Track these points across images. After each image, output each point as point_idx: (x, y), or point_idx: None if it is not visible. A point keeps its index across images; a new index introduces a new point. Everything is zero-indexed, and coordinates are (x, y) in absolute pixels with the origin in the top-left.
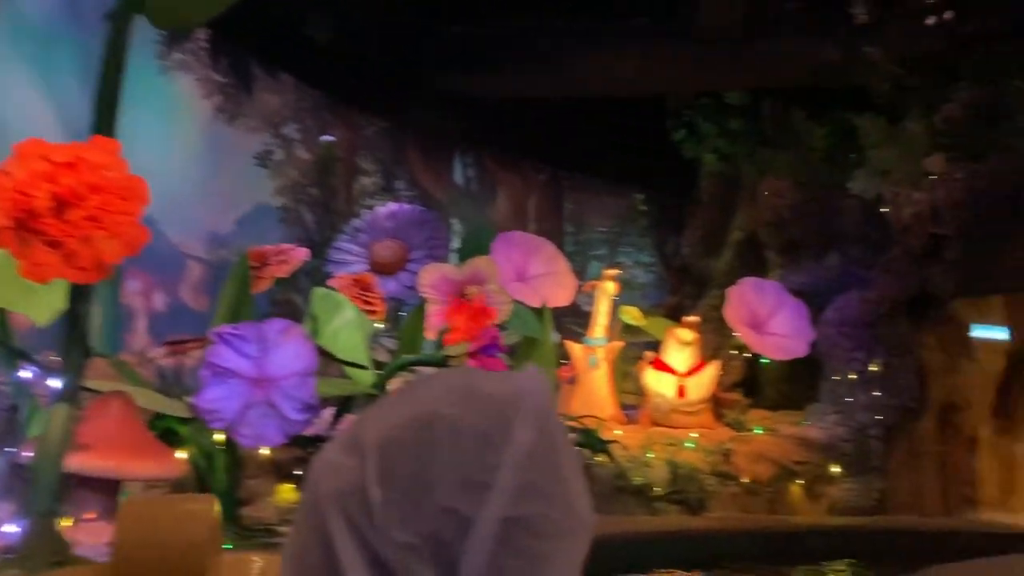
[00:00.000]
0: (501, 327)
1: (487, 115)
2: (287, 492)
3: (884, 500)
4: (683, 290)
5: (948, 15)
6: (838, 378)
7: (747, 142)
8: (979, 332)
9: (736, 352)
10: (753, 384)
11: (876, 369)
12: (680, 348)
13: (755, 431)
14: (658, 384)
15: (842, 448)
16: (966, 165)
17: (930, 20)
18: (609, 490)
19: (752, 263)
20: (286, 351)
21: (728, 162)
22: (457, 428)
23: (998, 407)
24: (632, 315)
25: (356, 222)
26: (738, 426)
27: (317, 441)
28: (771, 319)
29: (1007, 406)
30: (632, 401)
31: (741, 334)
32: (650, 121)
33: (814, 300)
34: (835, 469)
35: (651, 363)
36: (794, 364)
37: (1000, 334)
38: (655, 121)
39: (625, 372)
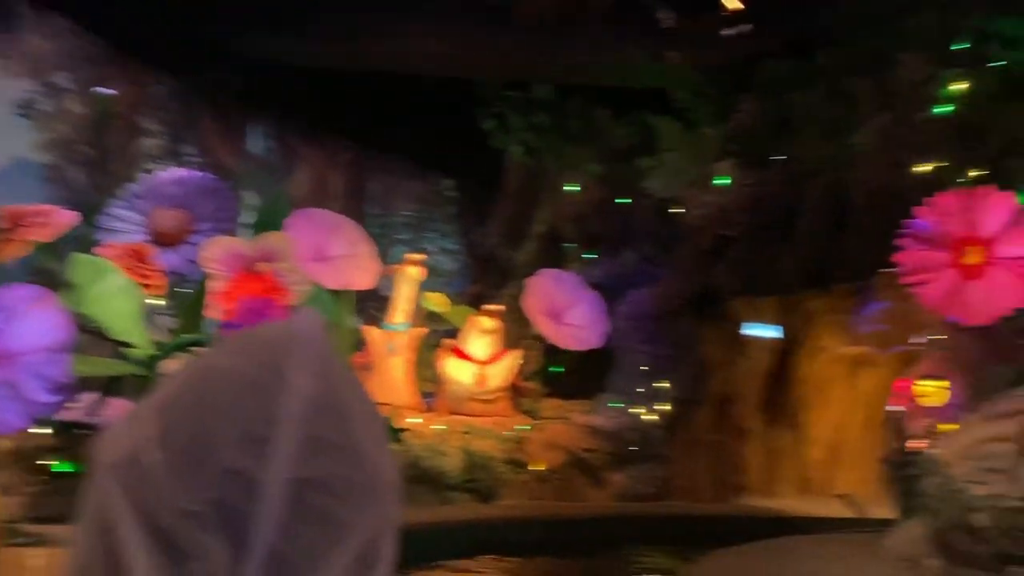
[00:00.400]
0: (294, 308)
1: (291, 84)
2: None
3: (664, 487)
4: (486, 279)
5: (744, 29)
6: (627, 369)
7: (553, 137)
8: (753, 330)
9: (534, 341)
10: (549, 373)
11: (662, 362)
12: (481, 336)
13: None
14: (457, 372)
15: (628, 437)
16: (752, 172)
17: (727, 32)
18: (401, 479)
19: (553, 255)
20: (33, 323)
21: (534, 155)
22: (231, 379)
23: (766, 401)
24: (437, 302)
25: (134, 187)
26: (533, 414)
27: (75, 428)
28: (568, 310)
29: (774, 400)
30: (431, 389)
31: (539, 324)
32: (461, 108)
33: (610, 293)
34: (620, 457)
35: (451, 351)
36: (589, 355)
37: (772, 332)
38: (466, 109)
39: (425, 360)
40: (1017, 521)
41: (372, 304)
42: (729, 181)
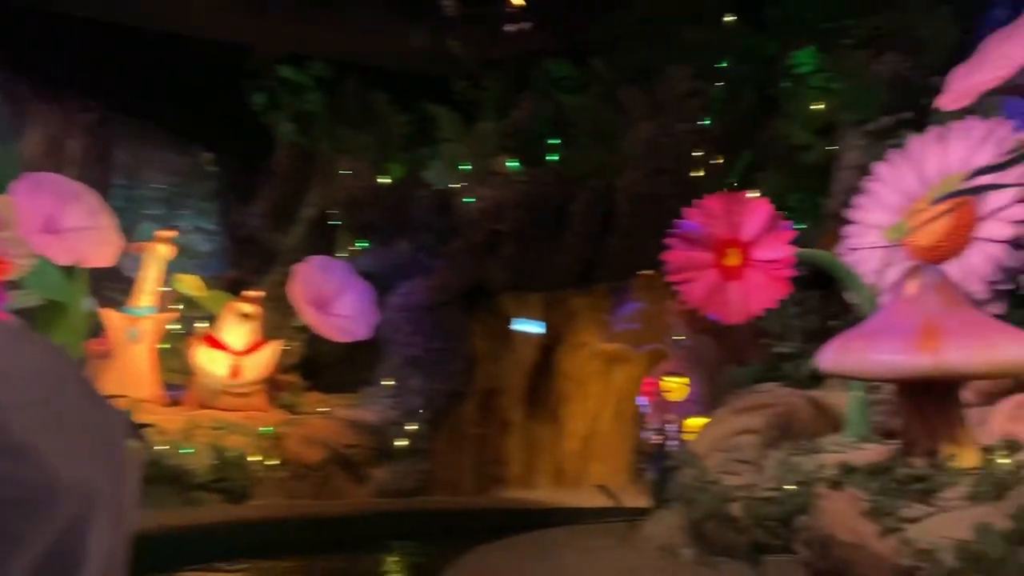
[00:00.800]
0: (14, 284)
1: (25, 29)
2: None
3: (427, 482)
4: (246, 263)
5: (525, 26)
6: (396, 362)
7: (327, 118)
8: (520, 325)
9: (297, 331)
10: (312, 365)
11: (431, 354)
12: (238, 324)
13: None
14: (210, 362)
15: (393, 431)
16: (528, 170)
17: (510, 28)
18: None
19: (322, 241)
20: None
21: (306, 136)
22: None
23: (529, 394)
24: (189, 284)
25: None
26: (292, 409)
27: None
28: (336, 300)
29: (536, 394)
30: (180, 380)
31: (303, 313)
32: (229, 78)
33: (380, 284)
34: (384, 452)
35: (204, 339)
36: (355, 347)
37: (537, 328)
38: (234, 80)
39: (173, 348)
40: (769, 511)
41: (113, 285)
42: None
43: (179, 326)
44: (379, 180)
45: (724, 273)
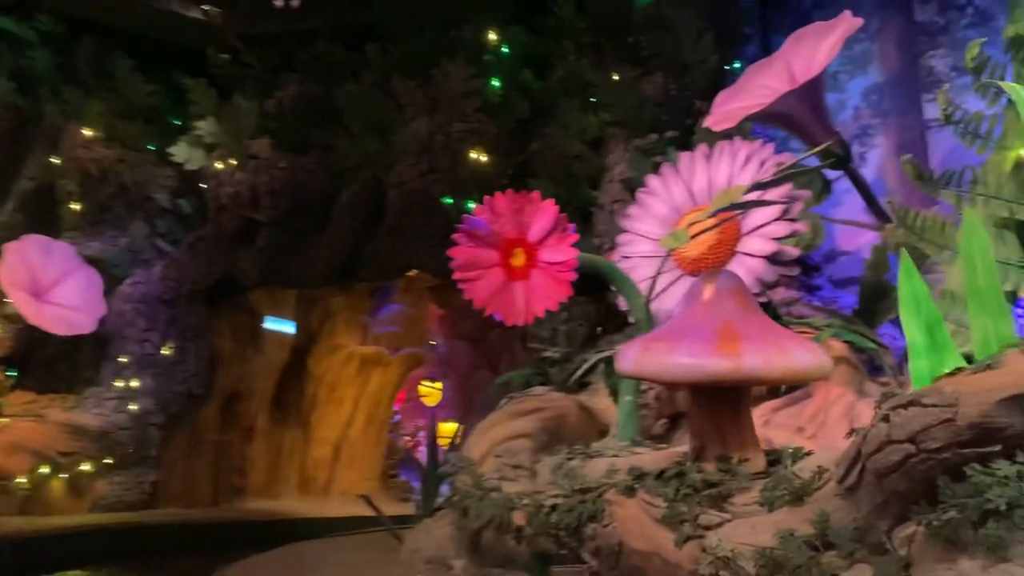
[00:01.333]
0: None
1: None
2: None
3: (158, 493)
4: None
5: (295, 3)
6: (125, 360)
7: (56, 78)
8: (271, 324)
9: (6, 321)
10: (23, 361)
11: (168, 352)
12: None
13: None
14: None
15: (119, 437)
16: (290, 156)
17: (277, 2)
18: None
19: (41, 220)
20: None
21: (29, 96)
22: None
23: (276, 398)
24: None
25: None
26: None
27: None
28: (56, 287)
29: (284, 398)
30: None
31: (15, 301)
32: None
33: (112, 271)
34: (108, 460)
35: None
36: (77, 341)
37: (288, 328)
38: None
39: None
40: (555, 519)
41: None
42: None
43: None
44: (115, 153)
45: (509, 273)
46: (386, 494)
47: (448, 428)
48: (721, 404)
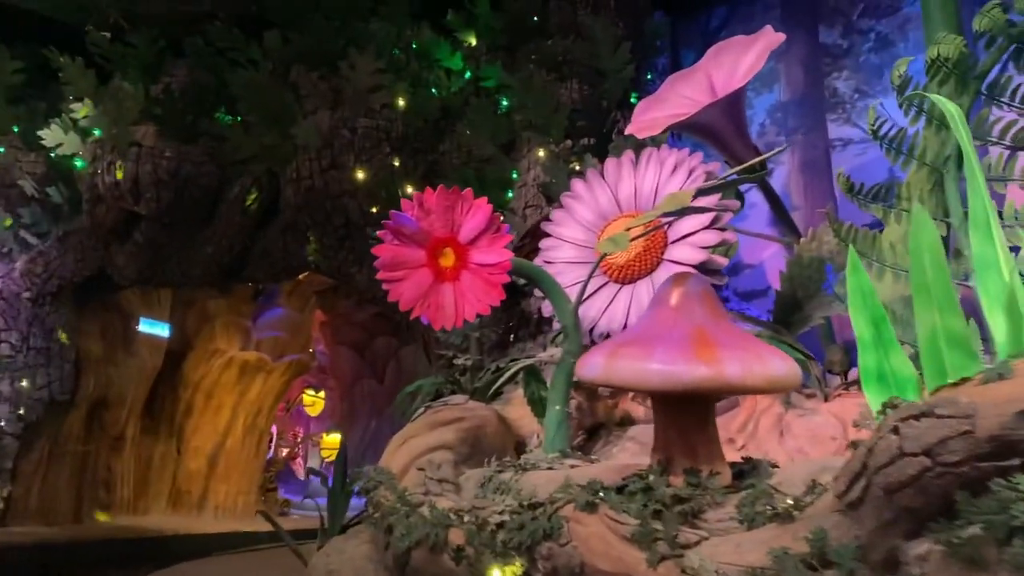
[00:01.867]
0: None
1: None
2: None
3: (12, 508)
4: None
5: None
6: None
7: None
8: (145, 327)
9: None
10: None
11: (27, 355)
12: None
13: None
14: None
15: None
16: (177, 145)
17: None
18: None
19: None
20: None
21: None
22: None
23: (147, 406)
24: None
25: None
26: None
27: None
28: None
29: (156, 406)
30: None
31: None
32: None
33: None
34: None
35: None
36: None
37: (162, 331)
38: None
39: None
40: (502, 537)
41: None
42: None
43: None
44: None
45: (438, 274)
46: (264, 508)
47: (331, 440)
48: (689, 414)
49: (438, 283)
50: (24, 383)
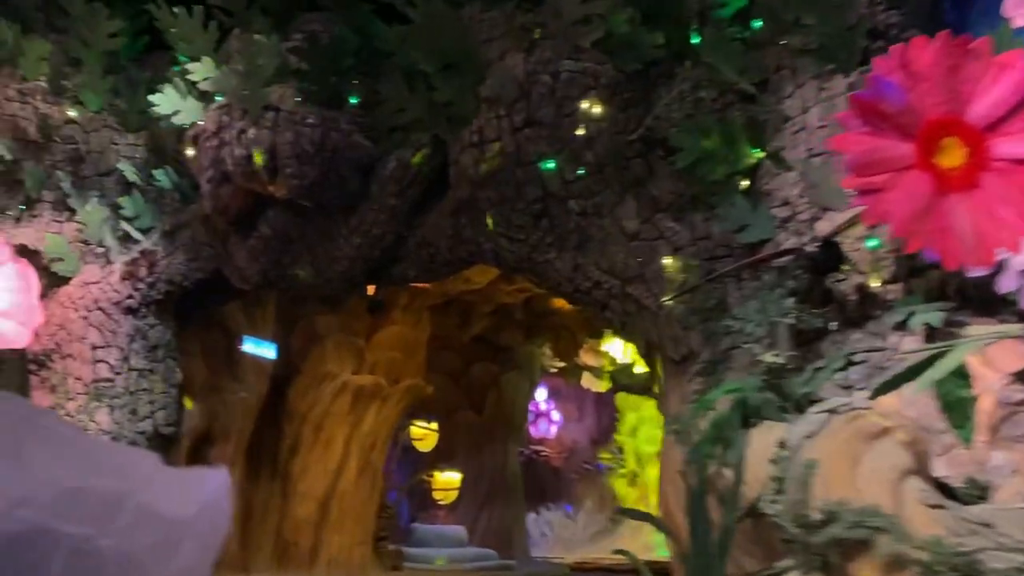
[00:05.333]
0: None
1: None
2: None
3: None
4: None
5: None
6: (69, 388)
7: None
8: (248, 347)
9: None
10: None
11: (129, 378)
12: None
13: None
14: None
15: None
16: (321, 109)
17: None
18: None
19: None
20: None
21: None
22: None
23: (251, 442)
24: None
25: None
26: None
27: None
28: None
29: (259, 440)
30: None
31: None
32: None
33: (53, 267)
34: None
35: None
36: None
37: (268, 351)
38: None
39: None
40: None
41: None
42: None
43: None
44: (63, 110)
45: (939, 178)
46: (376, 563)
47: (446, 479)
48: None
49: (940, 193)
50: (126, 412)
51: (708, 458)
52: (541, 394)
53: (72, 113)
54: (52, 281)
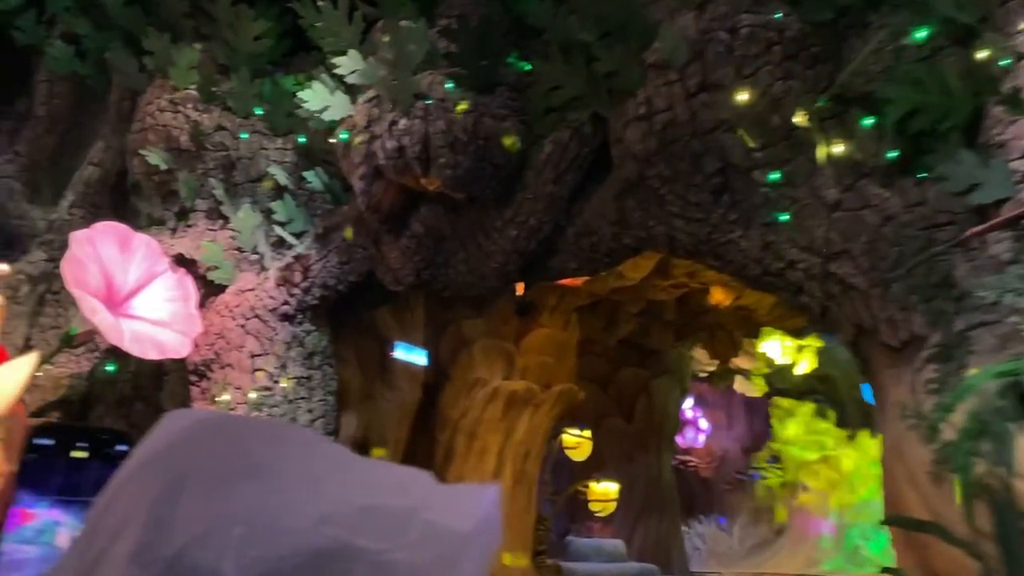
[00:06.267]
0: None
1: None
2: None
3: None
4: None
5: None
6: (228, 397)
7: (132, 17)
8: (400, 353)
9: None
10: (87, 406)
11: (288, 386)
12: None
13: None
14: None
15: None
16: (473, 95)
17: None
18: None
19: (109, 213)
20: None
21: (91, 61)
22: None
23: (407, 450)
24: None
25: None
26: None
27: None
28: (137, 295)
29: (414, 449)
30: None
31: (87, 310)
32: None
33: (209, 274)
34: None
35: None
36: (158, 371)
37: (419, 358)
38: None
39: None
40: None
41: None
42: (456, 90)
43: None
44: (213, 117)
45: None
46: None
47: (602, 490)
48: None
49: None
50: (283, 421)
51: (972, 455)
52: (687, 401)
53: (222, 120)
54: (209, 290)
